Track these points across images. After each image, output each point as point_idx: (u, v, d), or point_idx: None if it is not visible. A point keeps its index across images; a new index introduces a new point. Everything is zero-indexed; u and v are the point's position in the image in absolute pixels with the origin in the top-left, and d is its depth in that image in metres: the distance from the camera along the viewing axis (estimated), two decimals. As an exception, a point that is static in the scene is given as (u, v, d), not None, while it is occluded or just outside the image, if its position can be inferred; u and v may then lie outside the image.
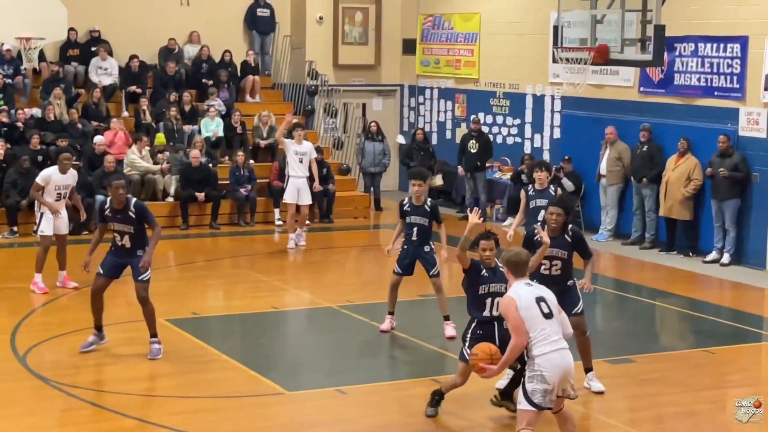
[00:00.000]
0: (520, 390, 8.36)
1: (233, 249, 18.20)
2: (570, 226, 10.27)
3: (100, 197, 17.07)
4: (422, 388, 10.55)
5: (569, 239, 10.20)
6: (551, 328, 8.21)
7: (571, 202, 10.66)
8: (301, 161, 17.74)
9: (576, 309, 10.18)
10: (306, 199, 17.89)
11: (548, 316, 8.22)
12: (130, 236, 11.37)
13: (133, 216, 11.33)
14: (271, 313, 13.87)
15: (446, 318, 12.51)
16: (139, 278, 11.39)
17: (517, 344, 8.25)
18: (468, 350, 9.34)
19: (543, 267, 10.13)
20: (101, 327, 11.75)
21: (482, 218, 10.03)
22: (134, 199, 11.53)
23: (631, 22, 14.89)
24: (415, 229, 12.38)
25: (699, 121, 17.38)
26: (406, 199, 12.56)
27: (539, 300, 8.27)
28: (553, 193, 12.91)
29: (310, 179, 17.97)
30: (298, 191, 17.73)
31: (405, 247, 12.48)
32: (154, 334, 11.60)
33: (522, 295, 8.28)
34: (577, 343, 10.12)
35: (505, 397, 9.84)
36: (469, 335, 9.54)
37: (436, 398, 9.81)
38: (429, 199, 12.58)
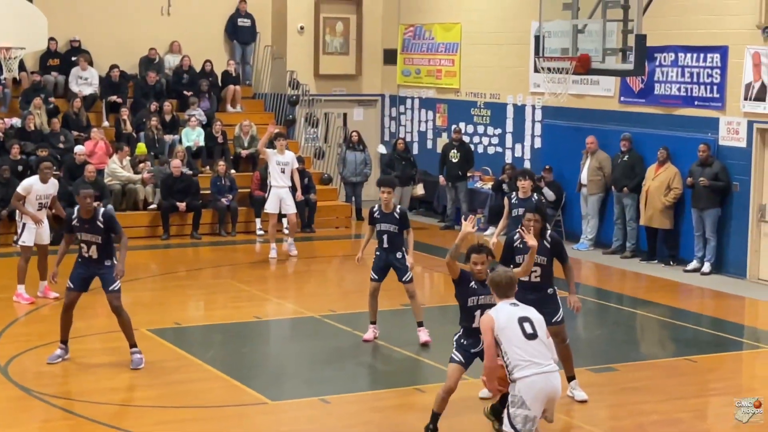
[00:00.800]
0: (504, 411, 8.18)
1: (215, 259, 18.16)
2: (548, 231, 10.30)
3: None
4: (406, 398, 10.54)
5: (548, 245, 10.20)
6: (535, 350, 7.90)
7: (545, 207, 10.68)
8: (283, 171, 17.76)
9: (556, 317, 10.20)
10: (290, 208, 17.90)
11: (531, 336, 7.93)
12: (97, 246, 11.36)
13: (101, 226, 11.33)
14: (254, 323, 13.85)
15: (420, 324, 12.60)
16: (110, 289, 11.39)
17: (486, 366, 8.15)
18: (457, 354, 9.30)
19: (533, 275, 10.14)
20: (67, 341, 11.71)
21: (476, 227, 9.95)
22: (102, 209, 11.55)
23: (612, 32, 14.94)
24: (385, 236, 12.47)
25: (679, 130, 17.46)
26: (376, 207, 12.62)
27: (522, 320, 8.02)
28: (536, 202, 12.96)
29: (293, 189, 17.97)
30: (280, 201, 17.75)
31: (377, 253, 12.56)
32: (133, 344, 11.56)
33: (502, 315, 8.07)
34: (557, 351, 10.13)
35: (494, 413, 9.75)
36: (455, 342, 9.51)
37: (431, 427, 9.41)
38: (398, 206, 12.62)
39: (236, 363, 12.01)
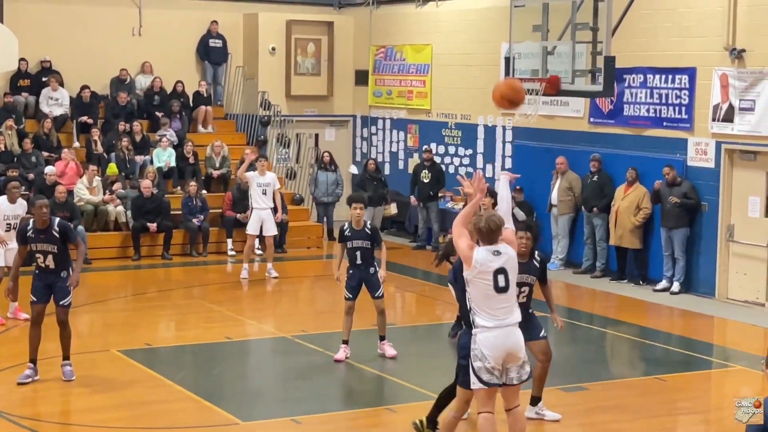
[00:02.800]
0: (470, 370, 8.27)
1: (186, 279, 18.14)
2: (536, 251, 10.21)
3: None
4: (377, 418, 10.55)
5: (537, 264, 10.06)
6: (501, 304, 7.95)
7: (537, 227, 10.62)
8: (264, 193, 17.78)
9: (542, 333, 10.21)
10: (271, 230, 17.93)
11: (502, 290, 7.95)
12: (53, 256, 11.41)
13: (57, 235, 11.39)
14: (225, 344, 13.82)
15: (383, 338, 12.80)
16: (61, 303, 11.46)
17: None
18: (476, 377, 8.49)
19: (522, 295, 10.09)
20: (36, 360, 11.67)
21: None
22: (57, 219, 11.62)
23: (582, 54, 15.12)
24: (358, 252, 12.55)
25: (648, 151, 17.60)
26: (346, 224, 12.67)
27: (497, 272, 8.00)
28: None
29: (273, 209, 17.99)
30: (261, 222, 17.75)
31: (351, 271, 12.62)
32: (67, 357, 11.66)
33: (481, 262, 8.00)
34: (537, 368, 10.17)
35: (430, 424, 9.75)
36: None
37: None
38: (368, 222, 12.68)
39: (207, 384, 12.00)
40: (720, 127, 16.44)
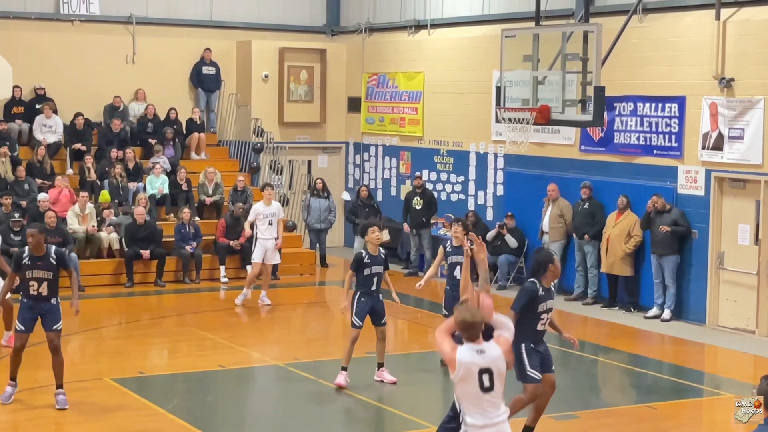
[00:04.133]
0: None
1: (178, 306, 18.17)
2: (553, 282, 10.45)
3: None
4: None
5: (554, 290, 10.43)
6: (488, 402, 7.78)
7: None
8: (270, 223, 17.76)
9: (553, 365, 10.45)
10: (274, 259, 17.93)
11: (487, 390, 7.77)
12: (48, 283, 11.51)
13: (54, 262, 11.52)
14: (218, 372, 13.86)
15: (382, 365, 12.90)
16: (54, 327, 11.52)
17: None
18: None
19: (540, 323, 10.20)
20: (16, 377, 11.80)
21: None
22: (53, 246, 11.75)
23: (572, 82, 15.23)
24: (375, 279, 12.67)
25: (639, 178, 17.71)
26: (363, 252, 12.69)
27: (482, 372, 7.76)
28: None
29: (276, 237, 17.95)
30: (266, 251, 17.73)
31: (363, 299, 12.64)
32: (60, 385, 11.69)
33: (465, 363, 7.70)
34: (541, 400, 10.28)
35: None
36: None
37: None
38: (379, 247, 12.83)
39: (200, 412, 12.02)
40: (710, 155, 16.57)
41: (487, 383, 7.79)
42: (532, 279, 10.31)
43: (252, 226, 17.91)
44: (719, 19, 16.25)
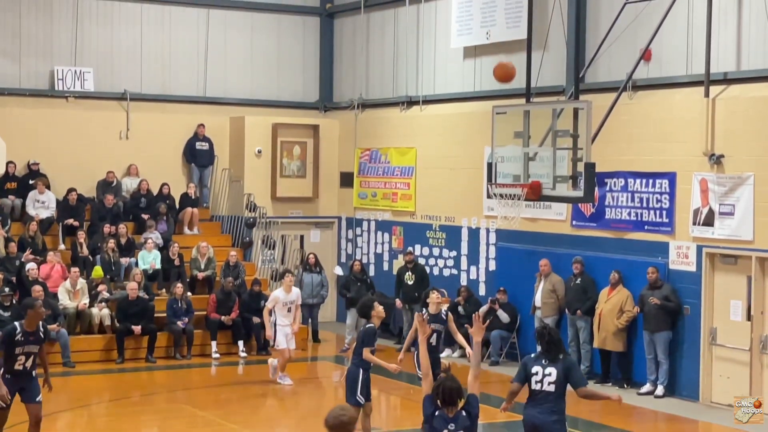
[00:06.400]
0: None
1: (169, 383, 18.06)
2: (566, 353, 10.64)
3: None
4: None
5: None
6: None
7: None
8: (289, 310, 17.58)
9: None
10: (292, 344, 17.73)
11: None
12: (34, 357, 11.57)
13: (42, 336, 11.66)
14: (208, 450, 13.75)
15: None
16: (38, 399, 11.55)
17: None
18: None
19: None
20: None
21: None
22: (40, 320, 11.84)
23: (563, 158, 15.26)
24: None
25: (630, 254, 17.74)
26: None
27: None
28: (445, 317, 14.15)
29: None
30: (286, 336, 17.52)
31: (365, 376, 12.69)
32: None
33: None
34: None
35: None
36: None
37: None
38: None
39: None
40: (701, 231, 16.62)
41: None
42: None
43: (270, 312, 17.70)
44: (708, 96, 16.40)
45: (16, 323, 11.65)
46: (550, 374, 10.35)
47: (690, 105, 16.79)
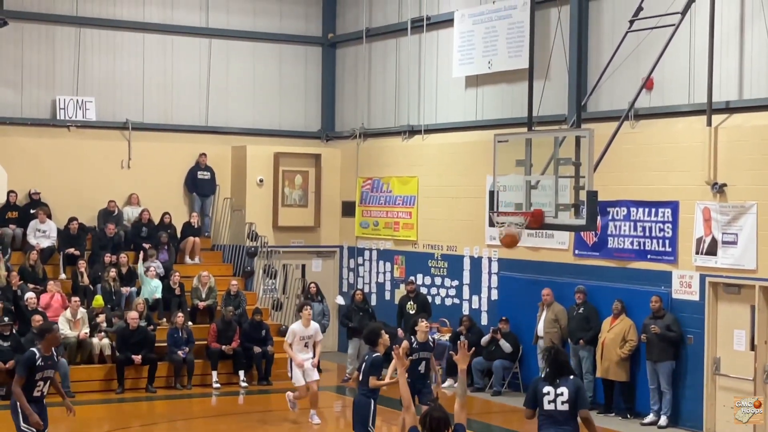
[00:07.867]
0: None
1: (170, 413, 17.96)
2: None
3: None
4: None
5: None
6: None
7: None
8: (306, 345, 16.96)
9: None
10: (314, 376, 17.01)
11: None
12: (50, 382, 11.50)
13: (56, 359, 11.72)
14: (208, 481, 13.64)
15: None
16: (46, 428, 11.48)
17: None
18: None
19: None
20: None
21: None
22: None
23: (565, 187, 15.24)
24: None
25: (633, 283, 17.66)
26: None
27: None
28: (432, 345, 14.30)
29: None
30: (304, 371, 17.01)
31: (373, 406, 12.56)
32: None
33: None
34: None
35: None
36: None
37: None
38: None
39: None
40: (704, 260, 16.54)
41: None
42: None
43: (291, 346, 17.29)
44: (711, 125, 16.37)
45: (34, 349, 11.41)
46: (562, 393, 10.26)
47: (692, 134, 16.76)
